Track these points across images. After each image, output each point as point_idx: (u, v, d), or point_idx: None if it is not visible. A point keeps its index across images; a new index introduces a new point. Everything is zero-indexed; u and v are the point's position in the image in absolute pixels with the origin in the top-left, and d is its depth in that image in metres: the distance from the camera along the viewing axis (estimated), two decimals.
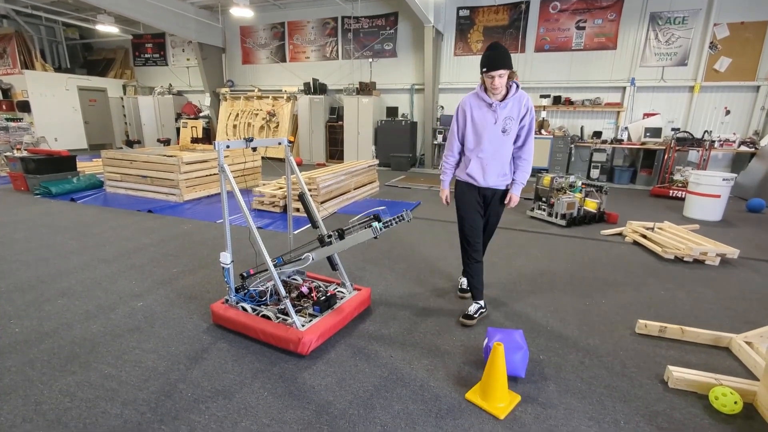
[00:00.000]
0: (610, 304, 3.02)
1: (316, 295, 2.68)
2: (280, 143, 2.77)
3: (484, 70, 2.36)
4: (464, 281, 3.08)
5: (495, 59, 2.32)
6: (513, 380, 2.11)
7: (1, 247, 3.99)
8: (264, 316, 2.46)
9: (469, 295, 3.01)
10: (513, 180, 2.65)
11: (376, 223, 2.25)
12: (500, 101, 2.45)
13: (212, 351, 2.34)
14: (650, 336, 2.59)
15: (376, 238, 2.24)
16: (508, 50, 2.37)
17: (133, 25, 12.15)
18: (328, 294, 2.67)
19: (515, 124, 2.49)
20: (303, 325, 2.33)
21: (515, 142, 2.57)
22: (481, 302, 2.78)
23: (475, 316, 2.70)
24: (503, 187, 2.65)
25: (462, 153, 2.70)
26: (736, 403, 1.89)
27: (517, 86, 2.46)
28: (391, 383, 2.09)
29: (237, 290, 2.61)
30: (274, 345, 2.36)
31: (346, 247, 2.38)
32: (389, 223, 2.26)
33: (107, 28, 11.09)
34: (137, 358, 2.26)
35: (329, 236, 2.44)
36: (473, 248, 2.72)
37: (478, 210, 2.69)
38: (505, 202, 2.66)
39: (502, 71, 2.33)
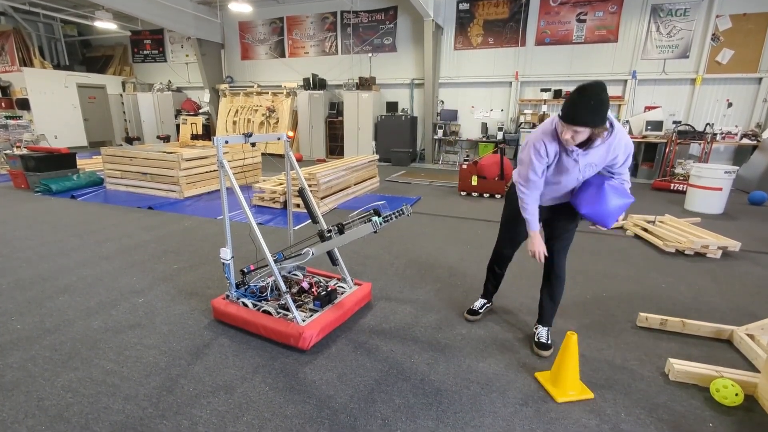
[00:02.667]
0: (611, 298, 3.02)
1: (316, 291, 2.68)
2: (279, 138, 2.76)
3: (561, 116, 1.85)
4: (478, 303, 2.75)
5: (581, 113, 1.76)
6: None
7: (2, 244, 4.00)
8: (265, 311, 2.46)
9: (476, 318, 2.69)
10: (556, 233, 2.26)
11: (376, 217, 2.23)
12: (582, 149, 1.94)
13: (213, 346, 2.34)
14: (651, 329, 2.59)
15: (375, 232, 2.23)
16: (607, 101, 1.76)
17: (131, 22, 12.08)
18: (329, 289, 2.67)
19: (596, 170, 2.03)
20: (303, 320, 2.33)
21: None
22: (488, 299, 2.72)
23: (480, 311, 2.67)
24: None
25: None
26: (737, 395, 1.89)
27: (612, 128, 1.88)
28: (392, 377, 2.09)
29: (238, 286, 2.61)
30: (274, 340, 2.37)
31: (346, 241, 2.38)
32: (389, 218, 2.23)
33: (105, 25, 11.04)
34: (138, 353, 2.26)
35: (329, 231, 2.43)
36: (502, 260, 2.56)
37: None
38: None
39: (583, 128, 1.79)
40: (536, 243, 2.19)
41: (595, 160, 1.96)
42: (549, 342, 2.35)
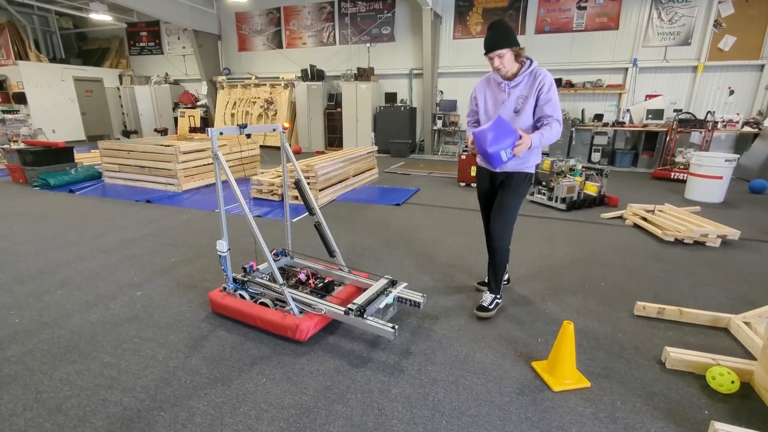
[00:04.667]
0: (609, 287, 3.02)
1: (313, 282, 2.68)
2: (274, 129, 2.74)
3: (484, 52, 2.25)
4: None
5: (490, 39, 2.19)
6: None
7: (1, 239, 4.00)
8: (262, 303, 2.46)
9: (483, 288, 2.89)
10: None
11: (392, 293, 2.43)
12: (510, 80, 2.29)
13: (211, 339, 2.35)
14: (649, 318, 2.59)
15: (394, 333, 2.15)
16: (510, 27, 2.19)
17: (126, 13, 11.97)
18: (326, 281, 2.67)
19: (530, 102, 2.27)
20: (300, 312, 2.33)
21: (536, 119, 2.31)
22: (496, 294, 2.64)
23: (490, 307, 2.58)
24: (519, 170, 2.41)
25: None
26: (733, 382, 1.89)
27: (531, 62, 2.27)
28: (389, 368, 2.10)
29: (242, 283, 2.61)
30: (272, 332, 2.37)
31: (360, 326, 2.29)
32: (403, 300, 2.51)
33: (101, 17, 10.95)
34: (136, 346, 2.27)
35: (349, 310, 2.25)
36: (487, 236, 2.68)
37: (491, 197, 2.58)
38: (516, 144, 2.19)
39: (500, 51, 2.18)
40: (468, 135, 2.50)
41: (524, 91, 2.28)
42: (490, 306, 2.57)
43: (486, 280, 2.87)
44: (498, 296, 2.64)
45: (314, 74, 10.60)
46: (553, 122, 2.25)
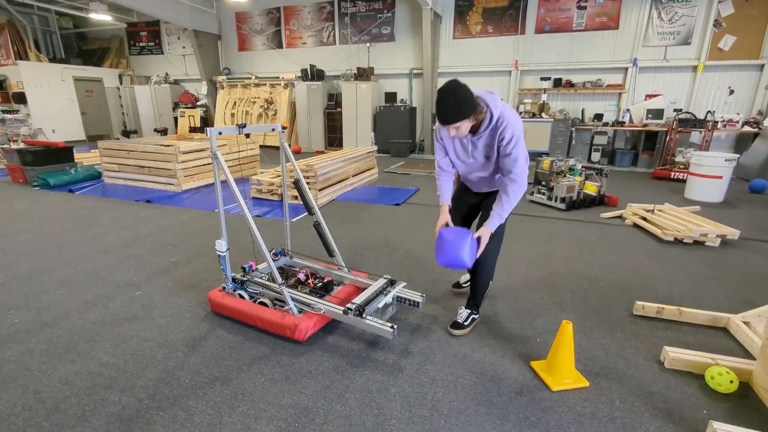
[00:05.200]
0: (608, 287, 3.01)
1: (313, 282, 2.68)
2: (273, 129, 2.74)
3: (439, 121, 1.99)
4: (463, 278, 2.95)
5: (444, 113, 1.92)
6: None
7: (0, 238, 4.00)
8: (261, 303, 2.46)
9: (460, 290, 2.90)
10: (489, 213, 2.16)
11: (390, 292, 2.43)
12: (473, 135, 2.10)
13: (210, 338, 2.35)
14: (648, 317, 2.59)
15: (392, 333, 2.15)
16: (463, 93, 1.88)
17: (126, 13, 11.97)
18: (325, 280, 2.67)
19: (493, 153, 2.13)
20: (299, 312, 2.33)
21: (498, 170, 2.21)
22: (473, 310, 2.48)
23: (466, 323, 2.42)
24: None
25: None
26: (732, 382, 1.89)
27: (491, 117, 2.00)
28: (387, 367, 2.10)
29: (242, 283, 2.61)
30: (271, 332, 2.37)
31: (359, 325, 2.29)
32: (402, 300, 2.48)
33: (100, 17, 10.94)
34: (135, 346, 2.27)
35: (348, 310, 2.24)
36: None
37: (473, 205, 2.49)
38: (475, 236, 2.13)
39: (457, 124, 1.94)
40: (440, 217, 2.34)
41: (488, 141, 2.11)
42: (465, 323, 2.41)
43: (461, 281, 2.88)
44: (475, 312, 2.47)
45: (314, 74, 10.60)
46: (510, 183, 2.09)
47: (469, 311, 2.46)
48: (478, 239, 2.13)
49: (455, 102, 1.89)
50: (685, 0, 8.01)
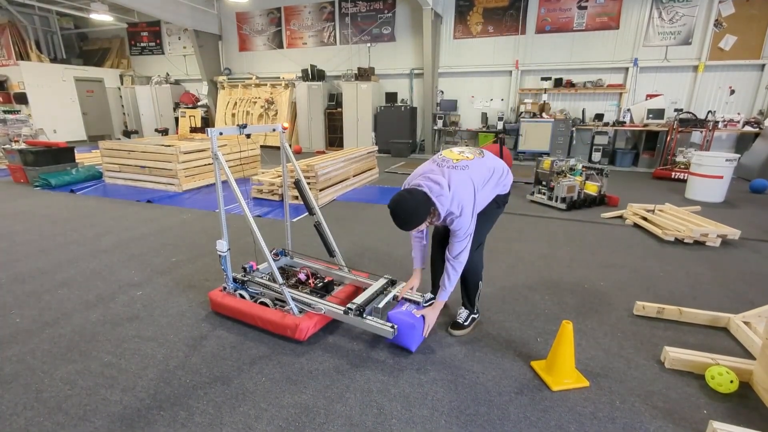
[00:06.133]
0: (609, 287, 3.02)
1: (313, 282, 2.68)
2: (274, 129, 2.74)
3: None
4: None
5: (401, 226, 2.01)
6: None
7: (2, 238, 4.01)
8: (262, 303, 2.47)
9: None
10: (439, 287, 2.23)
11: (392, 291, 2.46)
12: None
13: (211, 338, 2.35)
14: (648, 317, 2.59)
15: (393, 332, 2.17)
16: (413, 207, 1.95)
17: (127, 14, 11.99)
18: (326, 280, 2.68)
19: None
20: (300, 312, 2.33)
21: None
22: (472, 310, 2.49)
23: (466, 324, 2.44)
24: None
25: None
26: (732, 382, 1.89)
27: (440, 215, 2.05)
28: (388, 368, 2.10)
29: (242, 282, 2.61)
30: (271, 331, 2.37)
31: (360, 326, 2.31)
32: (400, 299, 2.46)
33: (101, 17, 10.96)
34: (136, 346, 2.27)
35: (348, 310, 2.27)
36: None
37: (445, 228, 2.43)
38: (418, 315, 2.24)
39: (414, 230, 2.13)
40: (411, 279, 2.50)
41: (442, 222, 2.15)
42: (465, 323, 2.44)
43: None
44: (475, 312, 2.49)
45: (315, 74, 10.61)
46: (449, 267, 2.16)
47: (468, 312, 2.47)
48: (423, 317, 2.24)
49: (405, 218, 1.98)
50: (686, 0, 8.00)
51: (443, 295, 2.22)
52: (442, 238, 2.53)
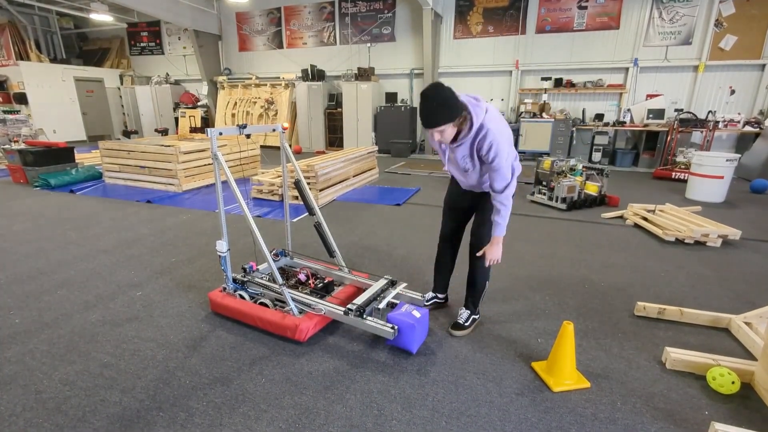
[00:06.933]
0: (609, 287, 3.01)
1: (313, 282, 2.68)
2: (274, 130, 2.73)
3: (422, 124, 1.93)
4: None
5: (428, 116, 1.86)
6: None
7: (1, 239, 4.00)
8: (261, 303, 2.46)
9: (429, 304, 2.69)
10: (485, 219, 2.16)
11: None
12: (453, 143, 2.04)
13: (210, 339, 2.35)
14: (649, 318, 2.58)
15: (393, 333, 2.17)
16: (448, 96, 1.83)
17: (127, 14, 11.98)
18: (326, 281, 2.67)
19: (474, 162, 2.07)
20: (300, 312, 2.33)
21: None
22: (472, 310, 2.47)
23: (467, 324, 2.42)
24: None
25: None
26: (733, 383, 1.89)
27: (471, 125, 1.93)
28: (388, 368, 2.09)
29: (242, 283, 2.61)
30: (271, 332, 2.37)
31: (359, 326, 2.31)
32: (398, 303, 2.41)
33: (101, 17, 10.95)
34: (136, 346, 2.27)
35: (348, 310, 2.26)
36: (452, 247, 2.62)
37: (466, 208, 2.43)
38: (478, 254, 2.20)
39: (441, 127, 1.88)
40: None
41: (466, 151, 2.04)
42: (466, 324, 2.41)
43: (437, 295, 2.68)
44: (476, 313, 2.47)
45: (315, 74, 10.60)
46: (500, 208, 2.04)
47: (469, 312, 2.46)
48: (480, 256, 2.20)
49: (439, 105, 1.82)
50: (686, 0, 8.00)
51: (499, 230, 2.08)
52: (450, 235, 2.55)
